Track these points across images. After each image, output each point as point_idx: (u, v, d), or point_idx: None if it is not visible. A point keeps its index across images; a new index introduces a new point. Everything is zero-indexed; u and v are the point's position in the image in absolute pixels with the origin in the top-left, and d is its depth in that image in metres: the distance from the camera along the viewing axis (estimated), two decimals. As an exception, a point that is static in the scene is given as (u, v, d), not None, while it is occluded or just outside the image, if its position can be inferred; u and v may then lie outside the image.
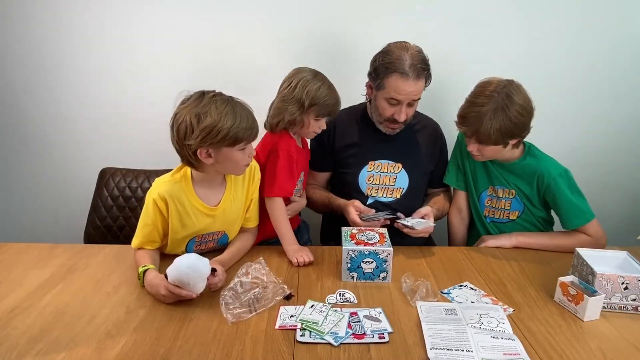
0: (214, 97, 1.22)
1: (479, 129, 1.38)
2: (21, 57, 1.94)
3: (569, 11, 1.86)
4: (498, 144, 1.41)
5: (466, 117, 1.42)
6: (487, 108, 1.36)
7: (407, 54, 1.45)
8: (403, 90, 1.46)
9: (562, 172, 1.47)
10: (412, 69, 1.44)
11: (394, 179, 1.64)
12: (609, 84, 1.96)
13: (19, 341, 1.00)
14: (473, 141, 1.45)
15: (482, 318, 1.09)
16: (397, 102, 1.50)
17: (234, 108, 1.22)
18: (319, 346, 1.00)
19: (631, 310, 1.14)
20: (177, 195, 1.30)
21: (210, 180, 1.35)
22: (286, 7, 1.86)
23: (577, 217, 1.46)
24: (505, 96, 1.37)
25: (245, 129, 1.23)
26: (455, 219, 1.72)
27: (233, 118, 1.20)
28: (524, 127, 1.41)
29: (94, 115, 2.02)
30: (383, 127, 1.60)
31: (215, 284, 1.19)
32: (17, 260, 1.36)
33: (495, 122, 1.35)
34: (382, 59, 1.49)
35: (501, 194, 1.58)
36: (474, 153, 1.49)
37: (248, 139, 1.25)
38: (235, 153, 1.25)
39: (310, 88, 1.40)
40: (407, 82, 1.45)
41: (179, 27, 1.89)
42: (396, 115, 1.52)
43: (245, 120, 1.23)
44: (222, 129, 1.19)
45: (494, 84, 1.40)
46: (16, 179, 2.12)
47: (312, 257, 1.37)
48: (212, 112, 1.19)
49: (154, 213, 1.30)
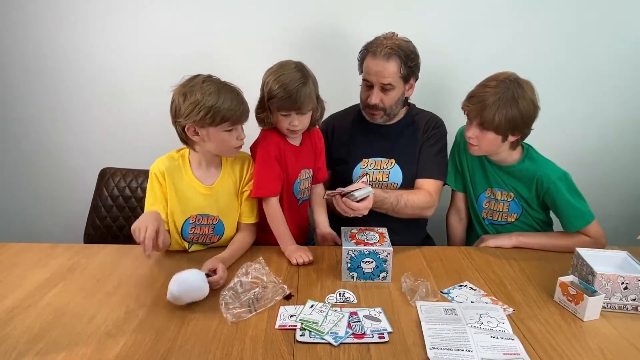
0: (205, 79, 1.29)
1: (485, 109, 1.37)
2: (21, 57, 1.94)
3: (570, 11, 1.86)
4: (499, 131, 1.39)
5: (474, 97, 1.41)
6: (497, 90, 1.37)
7: (385, 39, 1.52)
8: (371, 69, 1.52)
9: (562, 175, 1.46)
10: (382, 49, 1.49)
11: (387, 175, 1.64)
12: (609, 84, 1.96)
13: (18, 341, 1.00)
14: (475, 124, 1.43)
15: (482, 318, 1.09)
16: (370, 84, 1.54)
17: (219, 89, 1.28)
18: (319, 346, 1.00)
19: (631, 310, 1.14)
20: (174, 172, 1.38)
21: (206, 162, 1.40)
22: (286, 7, 1.87)
23: (578, 220, 1.46)
24: (517, 85, 1.38)
25: (228, 109, 1.27)
26: (454, 221, 1.72)
27: (216, 98, 1.26)
28: (528, 123, 1.41)
29: (94, 115, 2.02)
30: (365, 113, 1.64)
31: (217, 282, 1.19)
32: (17, 260, 1.36)
33: (502, 105, 1.36)
34: (365, 44, 1.57)
35: (499, 196, 1.57)
36: (471, 141, 1.46)
37: (232, 119, 1.29)
38: (220, 133, 1.30)
39: (268, 80, 1.35)
40: (375, 60, 1.50)
41: (179, 27, 1.89)
42: (369, 99, 1.56)
43: (229, 102, 1.27)
44: (203, 107, 1.25)
45: (507, 74, 1.41)
46: (16, 179, 2.12)
47: (312, 256, 1.37)
48: (197, 91, 1.26)
49: (156, 184, 1.37)
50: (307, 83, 1.34)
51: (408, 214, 1.55)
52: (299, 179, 1.49)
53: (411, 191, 1.58)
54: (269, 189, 1.41)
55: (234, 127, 1.32)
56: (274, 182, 1.42)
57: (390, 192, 1.51)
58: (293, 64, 1.37)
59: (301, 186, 1.51)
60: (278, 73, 1.34)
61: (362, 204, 1.30)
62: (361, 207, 1.30)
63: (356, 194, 1.28)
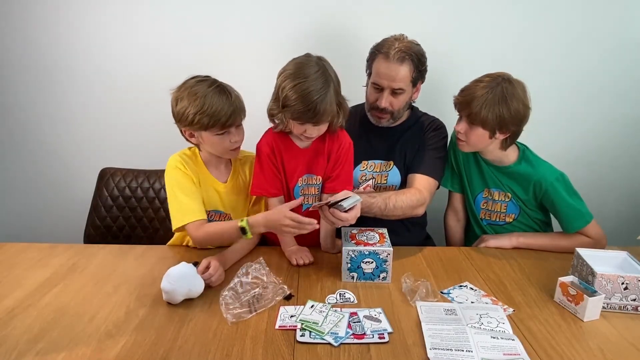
0: (197, 82, 1.29)
1: (473, 101, 1.38)
2: (21, 57, 1.94)
3: (569, 11, 1.86)
4: (486, 126, 1.39)
5: (464, 90, 1.44)
6: (488, 85, 1.39)
7: (396, 41, 1.49)
8: (384, 73, 1.48)
9: (559, 177, 1.47)
10: (396, 53, 1.45)
11: (386, 177, 1.63)
12: (609, 83, 1.96)
13: (19, 341, 1.00)
14: (464, 119, 1.44)
15: (482, 318, 1.09)
16: (380, 87, 1.51)
17: (206, 94, 1.26)
18: (319, 346, 1.00)
19: (631, 310, 1.14)
20: (191, 166, 1.39)
21: (215, 160, 1.42)
22: (287, 6, 1.87)
23: (577, 220, 1.46)
24: (508, 83, 1.39)
25: (213, 115, 1.26)
26: (452, 221, 1.72)
27: (200, 105, 1.25)
28: (517, 122, 1.41)
29: (94, 115, 2.02)
30: (371, 115, 1.61)
31: (209, 279, 1.19)
32: (17, 260, 1.35)
33: (490, 99, 1.37)
34: (375, 45, 1.54)
35: (497, 196, 1.57)
36: (459, 136, 1.47)
37: (219, 124, 1.28)
38: (212, 137, 1.31)
39: (285, 85, 1.23)
40: (388, 64, 1.46)
41: (180, 28, 1.89)
42: (378, 102, 1.53)
43: (215, 106, 1.26)
44: (188, 115, 1.26)
45: (501, 73, 1.43)
46: (16, 179, 2.12)
47: (312, 258, 1.36)
48: (185, 98, 1.27)
49: (180, 176, 1.36)
50: (328, 92, 1.22)
51: (398, 215, 1.48)
52: (299, 183, 1.41)
53: (399, 191, 1.52)
54: (262, 188, 1.39)
55: (225, 130, 1.31)
56: (267, 182, 1.38)
57: (377, 196, 1.45)
58: (315, 67, 1.22)
59: (304, 191, 1.43)
60: (297, 79, 1.20)
61: (350, 213, 1.23)
62: (350, 217, 1.23)
63: (344, 204, 1.21)
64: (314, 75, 1.21)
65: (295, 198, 1.41)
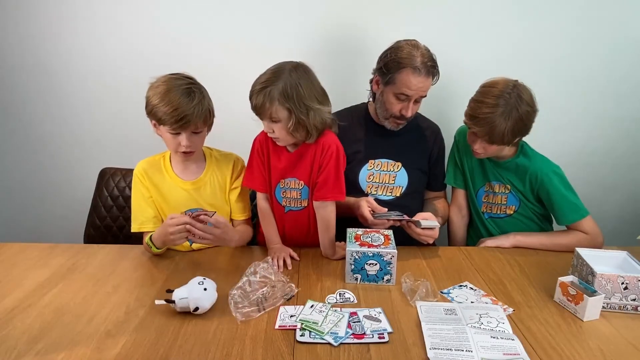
0: (170, 78, 1.30)
1: (494, 131, 1.39)
2: (21, 57, 1.94)
3: (571, 12, 1.86)
4: (509, 143, 1.45)
5: (478, 118, 1.41)
6: (501, 110, 1.38)
7: (417, 51, 1.50)
8: (414, 85, 1.49)
9: (555, 169, 1.50)
10: (423, 66, 1.48)
11: (394, 178, 1.64)
12: (610, 84, 1.96)
13: (18, 341, 0.99)
14: (482, 140, 1.45)
15: (482, 318, 1.09)
16: (406, 97, 1.52)
17: (169, 90, 1.27)
18: (319, 346, 1.00)
19: (631, 310, 1.14)
20: (153, 171, 1.44)
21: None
22: (288, 7, 1.87)
23: (572, 213, 1.47)
24: (516, 97, 1.39)
25: (166, 112, 1.26)
26: (455, 217, 1.73)
27: (161, 99, 1.26)
28: (531, 126, 1.44)
29: (94, 115, 2.02)
30: (388, 122, 1.61)
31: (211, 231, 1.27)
32: (17, 260, 1.35)
33: (510, 123, 1.38)
34: (394, 54, 1.51)
35: (497, 189, 1.59)
36: (477, 151, 1.49)
37: (168, 125, 1.28)
38: (164, 133, 1.33)
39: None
40: (418, 77, 1.48)
41: (180, 28, 1.89)
42: (404, 111, 1.54)
43: (171, 106, 1.25)
44: (149, 103, 1.29)
45: (501, 84, 1.42)
46: (16, 179, 2.12)
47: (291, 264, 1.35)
48: (154, 88, 1.29)
49: (139, 187, 1.43)
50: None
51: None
52: (281, 185, 1.41)
53: (440, 204, 1.72)
54: (252, 183, 1.45)
55: (178, 132, 1.30)
56: (254, 177, 1.44)
57: (438, 213, 1.63)
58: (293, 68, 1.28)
59: (285, 194, 1.43)
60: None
61: (425, 231, 1.41)
62: (421, 233, 1.42)
63: (423, 223, 1.39)
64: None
65: (276, 198, 1.44)
